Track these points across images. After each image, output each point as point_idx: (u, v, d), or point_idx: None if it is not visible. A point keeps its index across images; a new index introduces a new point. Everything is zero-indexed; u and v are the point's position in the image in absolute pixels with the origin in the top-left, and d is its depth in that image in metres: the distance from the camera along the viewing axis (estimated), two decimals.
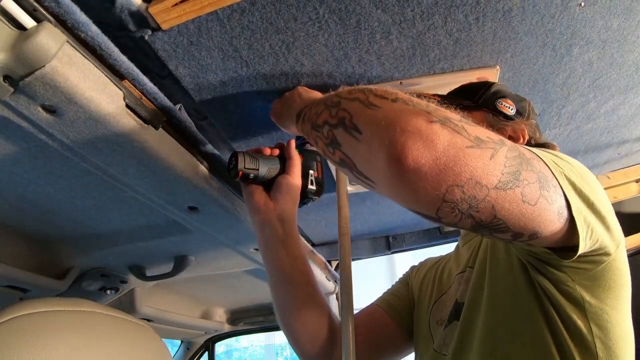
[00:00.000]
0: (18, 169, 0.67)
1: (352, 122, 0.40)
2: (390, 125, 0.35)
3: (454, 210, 0.34)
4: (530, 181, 0.36)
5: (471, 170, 0.33)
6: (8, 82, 0.43)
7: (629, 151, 1.22)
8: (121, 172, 0.65)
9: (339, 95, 0.45)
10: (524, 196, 0.35)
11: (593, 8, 0.65)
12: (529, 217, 0.36)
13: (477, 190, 0.33)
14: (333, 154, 0.43)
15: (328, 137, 0.43)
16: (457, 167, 0.33)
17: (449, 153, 0.33)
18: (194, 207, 0.80)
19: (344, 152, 0.41)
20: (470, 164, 0.33)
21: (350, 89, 0.44)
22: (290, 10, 0.59)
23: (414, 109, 0.36)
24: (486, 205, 0.34)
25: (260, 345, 6.54)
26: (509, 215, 0.35)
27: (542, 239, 0.39)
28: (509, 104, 0.64)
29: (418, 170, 0.33)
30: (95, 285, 1.20)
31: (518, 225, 0.36)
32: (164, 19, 0.57)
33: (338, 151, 0.42)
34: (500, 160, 0.34)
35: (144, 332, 0.66)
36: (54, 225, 0.91)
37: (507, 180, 0.34)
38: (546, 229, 0.38)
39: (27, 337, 0.44)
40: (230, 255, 1.19)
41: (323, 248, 1.66)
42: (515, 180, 0.35)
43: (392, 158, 0.34)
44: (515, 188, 0.34)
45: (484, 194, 0.34)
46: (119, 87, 0.53)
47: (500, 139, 0.36)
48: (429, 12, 0.62)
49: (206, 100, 0.77)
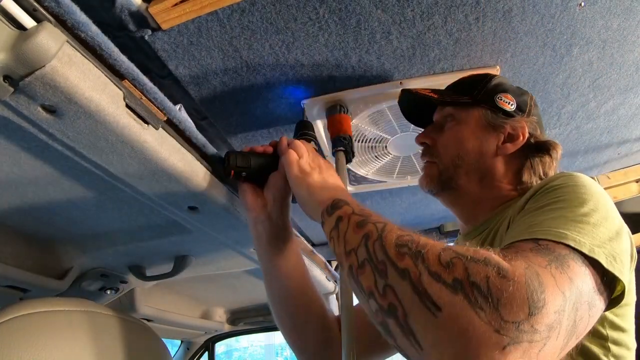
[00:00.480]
0: (18, 169, 0.67)
1: (407, 323, 0.32)
2: (461, 349, 0.30)
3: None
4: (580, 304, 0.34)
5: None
6: (8, 82, 0.43)
7: (629, 151, 1.22)
8: (121, 172, 0.65)
9: (384, 248, 0.36)
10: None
11: (593, 8, 0.65)
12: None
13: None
14: (365, 301, 0.38)
15: (365, 289, 0.37)
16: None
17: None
18: (194, 207, 0.80)
19: (385, 319, 0.35)
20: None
21: (401, 233, 0.37)
22: (290, 10, 0.60)
23: (481, 319, 0.29)
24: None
25: (260, 345, 6.54)
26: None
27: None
28: (509, 99, 0.61)
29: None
30: (95, 285, 1.20)
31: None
32: (164, 19, 0.57)
33: (375, 307, 0.36)
34: (560, 335, 0.32)
35: (144, 332, 0.66)
36: (54, 225, 0.91)
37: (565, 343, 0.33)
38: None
39: (27, 337, 0.44)
40: (230, 255, 1.19)
41: (323, 248, 1.67)
42: (570, 334, 0.34)
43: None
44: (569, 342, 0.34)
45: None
46: (119, 87, 0.53)
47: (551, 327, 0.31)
48: (429, 12, 0.62)
49: (206, 100, 0.77)
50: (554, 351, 0.32)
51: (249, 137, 0.91)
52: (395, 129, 0.91)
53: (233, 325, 2.05)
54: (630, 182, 1.37)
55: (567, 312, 0.32)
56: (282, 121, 0.86)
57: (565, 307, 0.32)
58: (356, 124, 0.88)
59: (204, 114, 0.83)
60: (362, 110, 0.85)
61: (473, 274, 0.31)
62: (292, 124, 0.88)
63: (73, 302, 0.56)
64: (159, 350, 0.66)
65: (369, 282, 0.36)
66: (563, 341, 0.32)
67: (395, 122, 0.88)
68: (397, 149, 0.99)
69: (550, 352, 0.31)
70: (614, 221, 0.43)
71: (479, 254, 0.33)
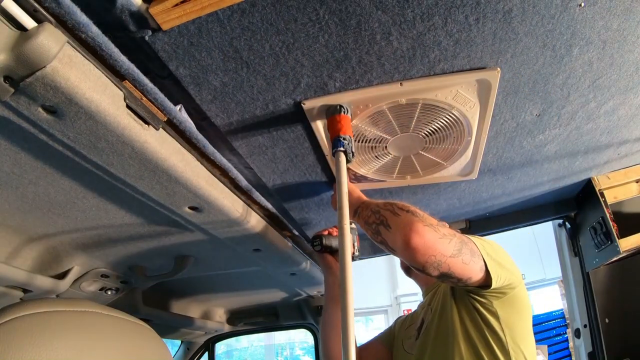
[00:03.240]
0: (18, 169, 0.67)
1: (387, 222, 0.77)
2: (407, 226, 0.71)
3: (431, 266, 0.70)
4: (466, 253, 0.73)
5: (438, 249, 0.70)
6: (8, 83, 0.43)
7: (629, 151, 1.22)
8: (121, 172, 0.66)
9: (378, 206, 0.82)
10: (463, 261, 0.72)
11: (593, 8, 0.65)
12: (465, 270, 0.73)
13: (441, 258, 0.70)
14: (376, 237, 0.81)
15: (375, 230, 0.80)
16: (432, 248, 0.69)
17: (429, 241, 0.69)
18: (194, 207, 0.81)
19: (383, 237, 0.78)
20: (438, 247, 0.70)
21: (385, 202, 0.81)
22: (290, 11, 0.60)
23: (417, 218, 0.72)
24: (444, 265, 0.71)
25: (261, 345, 6.54)
26: (455, 270, 0.72)
27: (473, 282, 0.76)
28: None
29: (415, 248, 0.69)
30: (95, 285, 1.20)
31: (460, 275, 0.73)
32: (164, 19, 0.57)
33: (379, 236, 0.79)
34: (452, 244, 0.72)
35: (144, 332, 0.66)
36: (54, 225, 0.91)
37: (454, 253, 0.71)
38: (474, 277, 0.75)
39: (28, 337, 0.44)
40: (230, 255, 1.19)
41: None
42: (459, 253, 0.72)
43: (405, 241, 0.70)
44: (458, 256, 0.71)
45: (444, 259, 0.70)
46: (120, 88, 0.53)
47: (453, 233, 0.74)
48: (429, 12, 0.62)
49: (206, 100, 0.78)
50: (444, 248, 0.71)
51: (249, 137, 0.91)
52: (395, 129, 0.91)
53: (233, 325, 2.05)
54: (630, 182, 1.37)
55: (456, 239, 0.73)
56: (282, 121, 0.86)
57: (456, 238, 0.74)
58: (356, 124, 0.88)
59: (204, 114, 0.83)
60: (362, 111, 0.85)
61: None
62: (292, 124, 0.88)
63: (73, 303, 0.56)
64: (159, 350, 0.66)
65: (372, 219, 0.82)
66: (449, 248, 0.71)
67: (395, 122, 0.88)
68: (397, 149, 0.99)
69: (442, 247, 0.71)
70: (512, 265, 0.82)
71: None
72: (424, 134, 0.93)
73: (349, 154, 0.82)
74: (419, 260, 0.69)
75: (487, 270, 0.74)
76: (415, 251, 0.69)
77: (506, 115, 0.92)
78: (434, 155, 1.03)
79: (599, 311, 1.46)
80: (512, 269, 0.80)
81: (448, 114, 0.86)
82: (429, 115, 0.87)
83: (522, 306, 0.82)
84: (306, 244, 1.47)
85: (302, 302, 1.91)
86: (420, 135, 0.93)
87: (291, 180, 1.12)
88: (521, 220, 1.57)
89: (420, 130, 0.92)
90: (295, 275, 1.46)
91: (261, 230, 1.02)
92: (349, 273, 0.72)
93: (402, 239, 0.70)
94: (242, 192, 0.89)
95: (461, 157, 1.04)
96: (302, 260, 1.36)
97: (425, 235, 0.69)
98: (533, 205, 1.54)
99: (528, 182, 1.30)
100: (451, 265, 0.71)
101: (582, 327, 1.52)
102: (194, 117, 0.84)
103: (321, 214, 1.35)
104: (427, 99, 0.82)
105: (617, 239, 1.29)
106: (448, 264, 0.71)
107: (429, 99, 0.82)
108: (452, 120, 0.89)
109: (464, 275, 0.73)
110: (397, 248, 0.73)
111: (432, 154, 1.02)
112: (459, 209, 1.47)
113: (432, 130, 0.92)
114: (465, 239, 0.75)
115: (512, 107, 0.89)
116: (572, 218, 1.58)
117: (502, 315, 0.79)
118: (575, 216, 1.56)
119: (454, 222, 1.59)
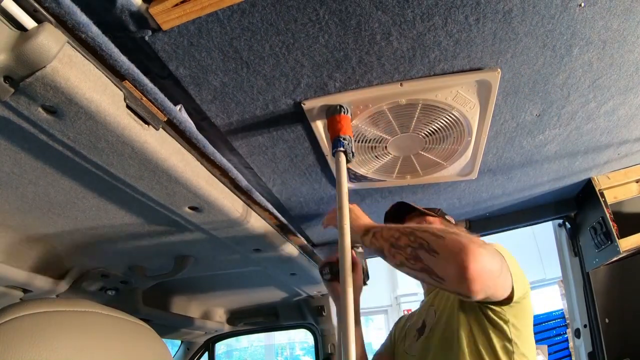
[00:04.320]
0: (18, 169, 0.67)
1: (430, 247, 0.66)
2: (461, 251, 0.61)
3: (481, 292, 0.62)
4: (504, 271, 0.68)
5: (494, 274, 0.64)
6: (8, 83, 0.43)
7: (629, 151, 1.22)
8: (121, 172, 0.65)
9: (411, 227, 0.72)
10: (504, 280, 0.68)
11: (593, 8, 0.65)
12: (501, 290, 0.68)
13: (491, 282, 0.64)
14: (414, 265, 0.68)
15: (410, 255, 0.69)
16: (489, 272, 0.63)
17: (487, 266, 0.62)
18: (194, 207, 0.80)
19: (427, 264, 0.66)
20: (494, 270, 0.64)
21: (414, 227, 0.72)
22: (290, 11, 0.60)
23: (467, 239, 0.63)
24: (492, 288, 0.65)
25: (261, 345, 6.54)
26: (497, 291, 0.68)
27: (498, 298, 0.71)
28: (449, 217, 1.08)
29: (472, 279, 0.60)
30: (95, 286, 1.20)
31: (497, 296, 0.69)
32: (164, 19, 0.57)
33: (420, 263, 0.67)
34: (495, 262, 0.65)
35: (144, 332, 0.66)
36: (54, 225, 0.91)
37: (498, 273, 0.65)
38: (505, 294, 0.70)
39: (28, 337, 0.44)
40: (230, 255, 1.19)
41: (323, 248, 1.67)
42: (500, 271, 0.66)
43: (461, 270, 0.60)
44: (500, 277, 0.66)
45: (493, 283, 0.65)
46: (120, 88, 0.53)
47: (499, 255, 0.68)
48: (429, 13, 0.62)
49: (206, 100, 0.78)
50: (497, 276, 0.66)
51: (249, 137, 0.91)
52: (395, 129, 0.91)
53: (233, 325, 2.05)
54: (630, 182, 1.37)
55: (501, 260, 0.68)
56: (282, 121, 0.86)
57: (500, 258, 0.68)
58: (356, 124, 0.88)
59: (204, 114, 0.83)
60: (362, 111, 0.85)
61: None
62: (292, 124, 0.88)
63: (73, 303, 0.56)
64: (159, 351, 0.66)
65: (405, 241, 0.71)
66: (498, 273, 0.65)
67: (395, 122, 0.88)
68: (397, 149, 0.99)
69: (496, 274, 0.65)
70: (523, 277, 0.76)
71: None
72: (424, 134, 0.93)
73: (349, 154, 0.82)
74: (474, 289, 0.60)
75: (513, 285, 0.70)
76: (472, 281, 0.59)
77: (506, 115, 0.92)
78: (433, 155, 1.03)
79: (599, 311, 1.46)
80: (524, 278, 0.76)
81: (448, 114, 0.86)
82: (429, 115, 0.87)
83: (529, 312, 0.80)
84: (306, 244, 1.47)
85: (302, 302, 1.91)
86: (420, 135, 0.93)
87: (291, 180, 1.12)
88: (521, 220, 1.57)
89: (420, 131, 0.92)
90: (295, 275, 1.46)
91: (261, 230, 1.02)
92: (349, 273, 0.72)
93: (457, 268, 0.60)
94: (242, 192, 0.88)
95: (461, 157, 1.04)
96: (302, 260, 1.36)
97: (482, 260, 0.60)
98: (533, 205, 1.54)
99: (528, 182, 1.30)
100: (498, 286, 0.66)
101: (582, 327, 1.52)
102: (194, 117, 0.84)
103: (321, 214, 1.35)
104: (427, 100, 0.82)
105: (617, 239, 1.29)
106: (495, 287, 0.65)
107: (429, 100, 0.82)
108: (452, 120, 0.89)
109: (499, 296, 0.69)
110: (448, 277, 0.62)
111: (432, 154, 1.02)
112: (459, 209, 1.47)
113: (432, 130, 0.92)
114: (503, 257, 0.69)
115: (512, 107, 0.89)
116: (572, 218, 1.58)
117: (512, 321, 0.76)
118: (575, 216, 1.57)
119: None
